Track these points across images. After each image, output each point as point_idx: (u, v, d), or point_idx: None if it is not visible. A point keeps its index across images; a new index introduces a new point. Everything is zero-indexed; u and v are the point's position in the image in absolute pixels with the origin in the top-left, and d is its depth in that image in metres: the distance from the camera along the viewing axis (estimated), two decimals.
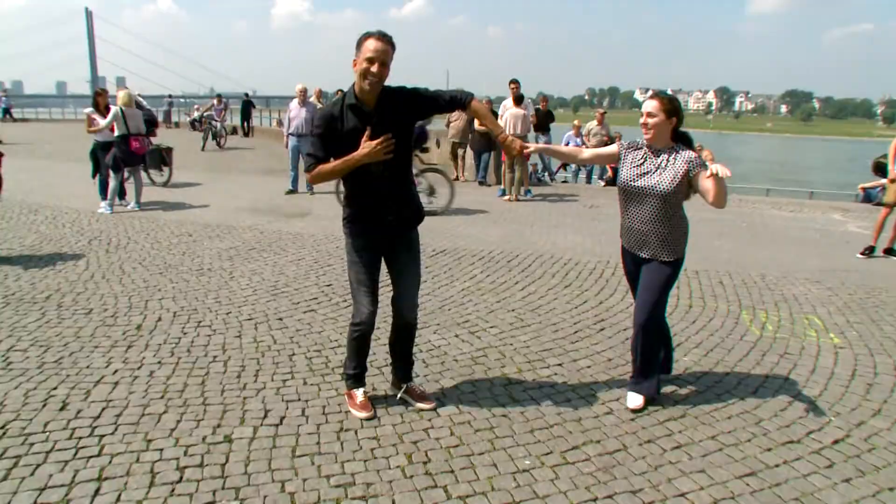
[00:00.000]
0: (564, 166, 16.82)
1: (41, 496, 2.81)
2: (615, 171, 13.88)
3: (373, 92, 3.26)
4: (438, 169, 10.63)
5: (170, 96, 37.58)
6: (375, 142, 3.20)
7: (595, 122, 15.10)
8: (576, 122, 16.13)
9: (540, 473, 3.10)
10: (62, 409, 3.59)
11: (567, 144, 14.98)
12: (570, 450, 3.32)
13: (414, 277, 3.61)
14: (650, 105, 3.58)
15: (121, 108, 9.22)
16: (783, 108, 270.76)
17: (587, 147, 14.02)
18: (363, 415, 3.58)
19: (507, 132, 11.56)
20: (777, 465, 3.20)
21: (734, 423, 3.62)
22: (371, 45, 3.20)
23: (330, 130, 3.32)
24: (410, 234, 3.60)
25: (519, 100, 11.69)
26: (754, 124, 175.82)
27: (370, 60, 3.18)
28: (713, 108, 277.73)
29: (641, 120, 3.61)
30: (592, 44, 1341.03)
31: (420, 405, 3.70)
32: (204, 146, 19.98)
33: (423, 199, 10.29)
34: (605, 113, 15.82)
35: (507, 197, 11.77)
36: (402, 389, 3.80)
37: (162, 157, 11.82)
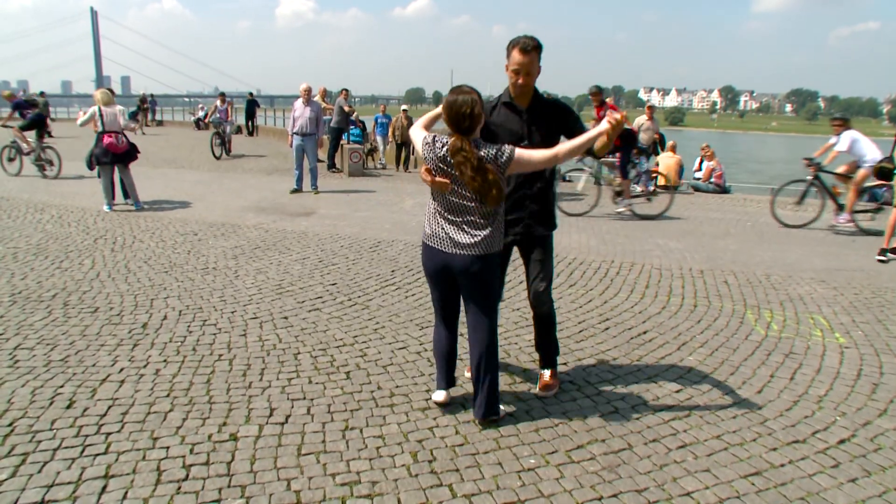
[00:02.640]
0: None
1: (48, 493, 2.83)
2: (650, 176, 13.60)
3: (523, 96, 3.66)
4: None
5: (152, 95, 36.46)
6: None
7: (644, 117, 13.82)
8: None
9: (545, 472, 3.10)
10: (69, 406, 3.60)
11: None
12: (574, 449, 3.32)
13: (545, 272, 3.84)
14: None
15: (99, 107, 9.33)
16: (788, 108, 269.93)
17: (640, 144, 13.17)
18: None
19: None
20: (782, 465, 3.19)
21: (739, 422, 3.62)
22: (515, 57, 3.55)
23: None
24: (544, 233, 3.84)
25: None
26: (759, 123, 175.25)
27: (515, 73, 3.57)
28: (717, 107, 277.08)
29: None
30: (597, 43, 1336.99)
31: (538, 391, 3.97)
32: (220, 155, 17.89)
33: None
34: (653, 107, 14.50)
35: None
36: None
37: None
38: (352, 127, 17.25)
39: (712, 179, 13.82)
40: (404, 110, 17.93)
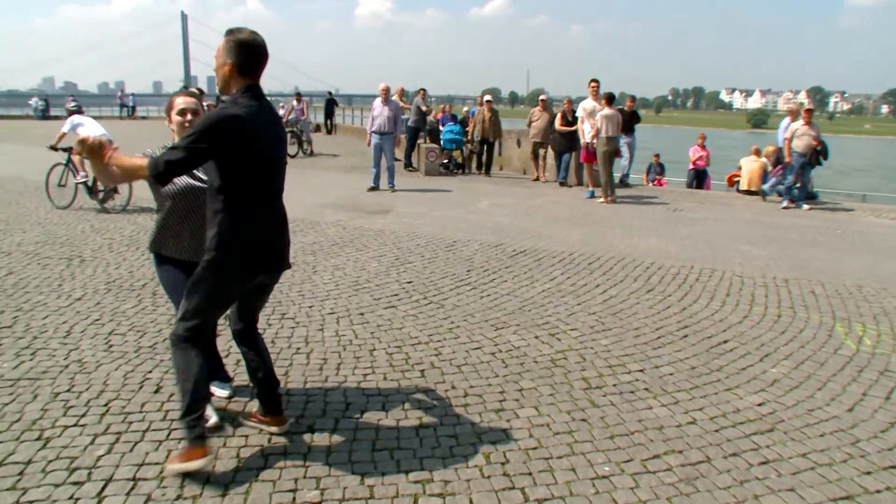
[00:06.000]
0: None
1: (139, 472, 2.98)
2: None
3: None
4: None
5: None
6: None
7: (800, 122, 11.64)
8: (793, 105, 13.58)
9: (619, 481, 3.04)
10: (157, 391, 3.78)
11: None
12: (650, 458, 3.24)
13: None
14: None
15: None
16: (884, 109, 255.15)
17: (793, 151, 11.39)
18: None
19: (603, 134, 11.18)
20: (878, 491, 3.01)
21: (827, 441, 3.45)
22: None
23: None
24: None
25: (611, 100, 11.44)
26: (851, 126, 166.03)
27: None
28: None
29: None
30: (677, 42, 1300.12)
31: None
32: (295, 153, 18.18)
33: None
34: (812, 110, 12.14)
35: (600, 199, 11.49)
36: None
37: None
38: (450, 122, 16.29)
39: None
40: (488, 101, 14.93)
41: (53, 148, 9.25)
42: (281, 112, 31.94)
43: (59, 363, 4.15)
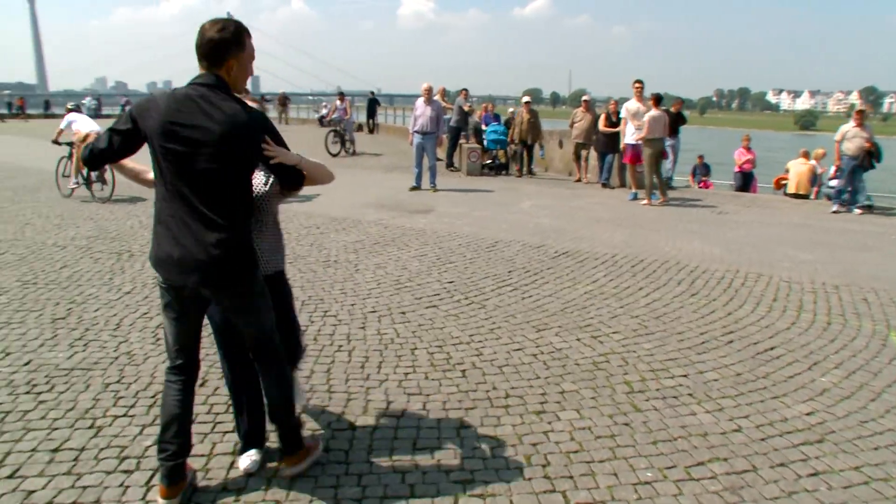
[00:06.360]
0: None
1: None
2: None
3: None
4: None
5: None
6: None
7: (851, 123, 11.27)
8: (858, 108, 12.54)
9: (662, 487, 3.00)
10: (202, 384, 3.85)
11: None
12: (694, 465, 3.19)
13: None
14: None
15: None
16: None
17: (843, 154, 11.19)
18: None
19: (649, 136, 10.91)
20: None
21: (882, 455, 3.34)
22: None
23: None
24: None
25: (659, 101, 11.25)
26: None
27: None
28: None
29: None
30: (722, 41, 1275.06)
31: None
32: (338, 152, 18.29)
33: None
34: (863, 112, 11.59)
35: (643, 201, 11.33)
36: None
37: None
38: (494, 122, 16.06)
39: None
40: (527, 103, 14.83)
41: (55, 142, 10.18)
42: (324, 111, 32.37)
43: (110, 355, 4.27)
